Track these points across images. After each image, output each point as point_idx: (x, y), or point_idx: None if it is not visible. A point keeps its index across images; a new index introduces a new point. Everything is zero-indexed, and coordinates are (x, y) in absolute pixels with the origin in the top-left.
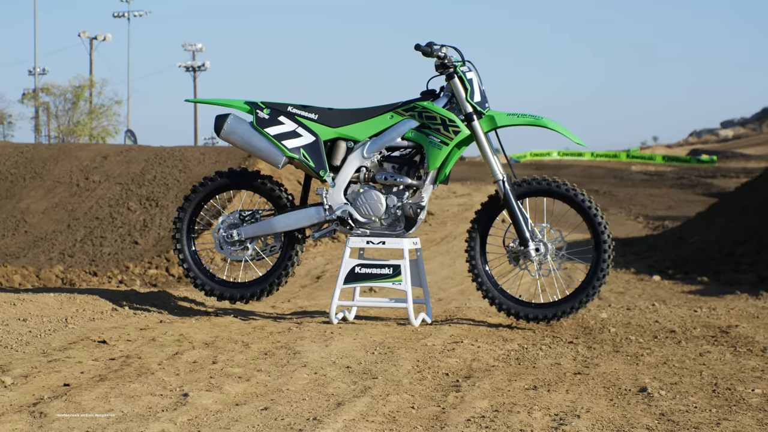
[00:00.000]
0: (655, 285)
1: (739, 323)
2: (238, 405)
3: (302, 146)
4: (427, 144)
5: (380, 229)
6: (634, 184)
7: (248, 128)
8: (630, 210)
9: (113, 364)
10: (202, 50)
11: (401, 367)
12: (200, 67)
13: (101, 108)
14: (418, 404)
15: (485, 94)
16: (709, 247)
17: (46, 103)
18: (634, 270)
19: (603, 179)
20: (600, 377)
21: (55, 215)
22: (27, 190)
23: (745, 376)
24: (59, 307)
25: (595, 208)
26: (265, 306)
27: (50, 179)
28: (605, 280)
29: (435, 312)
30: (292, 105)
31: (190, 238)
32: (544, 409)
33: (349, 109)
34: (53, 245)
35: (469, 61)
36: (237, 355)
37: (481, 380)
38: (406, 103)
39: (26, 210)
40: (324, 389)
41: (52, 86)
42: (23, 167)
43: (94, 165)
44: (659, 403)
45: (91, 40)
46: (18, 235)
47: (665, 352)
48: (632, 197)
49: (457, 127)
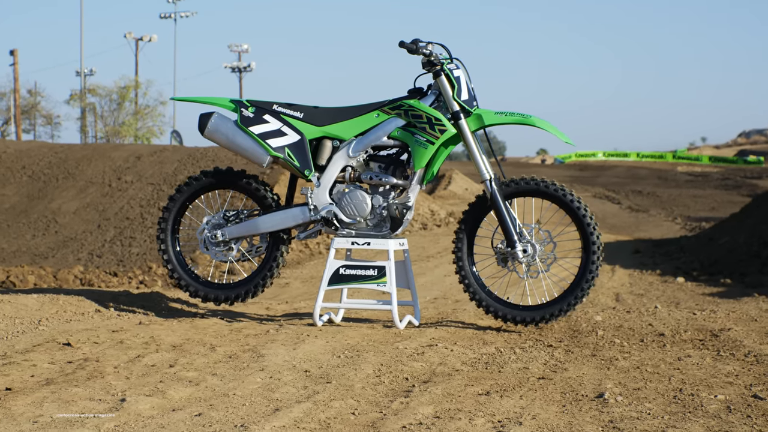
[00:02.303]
0: (678, 287)
1: (733, 327)
2: (174, 410)
3: (287, 145)
4: (412, 143)
5: (366, 230)
6: (679, 185)
7: (232, 127)
8: (672, 211)
9: (68, 368)
10: (248, 51)
11: (361, 372)
12: (246, 67)
13: (146, 109)
14: (360, 410)
15: (473, 93)
16: (737, 249)
17: (92, 104)
18: (659, 272)
19: (647, 180)
20: (563, 382)
21: (86, 215)
22: (59, 190)
23: (716, 382)
24: (38, 309)
25: (584, 208)
26: (259, 307)
27: (83, 179)
28: (594, 282)
29: (429, 314)
30: (277, 103)
31: (175, 238)
32: (488, 415)
33: (335, 108)
34: (82, 245)
35: (457, 58)
36: (199, 359)
37: (437, 385)
38: (392, 102)
39: (57, 210)
40: (270, 394)
41: (97, 87)
42: (57, 167)
43: (127, 165)
44: (612, 410)
45: (137, 41)
46: (48, 235)
47: (644, 356)
48: (675, 198)
49: (444, 126)
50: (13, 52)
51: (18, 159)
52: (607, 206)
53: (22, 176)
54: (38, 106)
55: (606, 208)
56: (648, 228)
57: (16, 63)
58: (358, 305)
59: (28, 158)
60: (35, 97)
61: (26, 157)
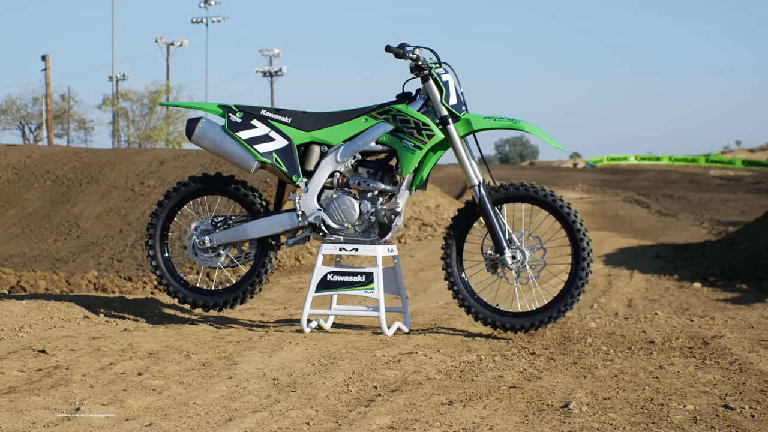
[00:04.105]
0: (693, 293)
1: (727, 334)
2: (127, 420)
3: (275, 150)
4: (400, 148)
5: (354, 236)
6: (710, 188)
7: (220, 132)
8: (702, 215)
9: (35, 375)
10: (279, 55)
11: (330, 380)
12: (277, 72)
13: (177, 113)
14: (317, 420)
15: (463, 97)
16: (758, 253)
17: (124, 109)
18: (677, 277)
19: (678, 184)
20: (533, 391)
21: (108, 220)
22: (82, 195)
23: (692, 391)
24: (23, 315)
25: (574, 214)
26: (255, 313)
27: (106, 184)
28: (584, 288)
29: (423, 320)
30: (265, 108)
31: (164, 244)
32: (445, 426)
33: (323, 113)
34: (103, 250)
35: (446, 62)
36: (171, 366)
37: (402, 394)
38: (380, 106)
39: (80, 215)
40: (230, 404)
41: (129, 92)
42: (80, 172)
43: (150, 170)
44: (574, 420)
45: (168, 46)
46: (70, 239)
47: (626, 364)
48: (706, 202)
49: (431, 131)
50: (44, 57)
51: (42, 164)
52: (636, 210)
53: (45, 181)
54: (70, 111)
55: (635, 212)
56: (674, 232)
57: (47, 68)
58: (347, 312)
59: (53, 163)
60: (68, 102)
61: (50, 162)
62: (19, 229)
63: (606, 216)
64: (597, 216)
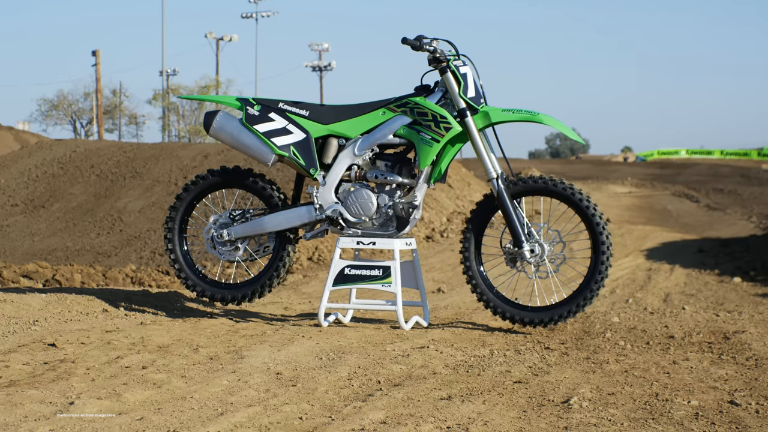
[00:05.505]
0: (732, 287)
1: (749, 329)
2: (120, 414)
3: (292, 143)
4: (418, 141)
5: (372, 230)
6: (762, 182)
7: (237, 125)
8: (752, 209)
9: (39, 369)
10: (329, 50)
11: (334, 375)
12: (326, 66)
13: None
14: (310, 415)
15: (481, 90)
16: None
17: (174, 104)
18: (718, 271)
19: (729, 178)
20: (537, 387)
21: (150, 214)
22: (126, 189)
23: (701, 386)
24: (41, 308)
25: (593, 207)
26: (278, 307)
27: (149, 178)
28: (604, 283)
29: (446, 314)
30: (283, 101)
31: (182, 237)
32: (439, 421)
33: (341, 106)
34: (146, 244)
35: (464, 54)
36: (177, 360)
37: (402, 389)
38: (398, 99)
39: (123, 209)
40: (228, 398)
41: (179, 87)
42: (124, 166)
43: (194, 164)
44: (572, 416)
45: (218, 41)
46: (113, 233)
47: (639, 359)
48: (757, 196)
49: (449, 124)
50: (95, 52)
51: (87, 158)
52: (684, 204)
53: (90, 175)
54: (121, 106)
55: (683, 206)
56: (721, 227)
57: (98, 63)
58: (365, 305)
59: (98, 157)
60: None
61: (95, 156)
62: (62, 224)
63: (653, 210)
64: (644, 210)
